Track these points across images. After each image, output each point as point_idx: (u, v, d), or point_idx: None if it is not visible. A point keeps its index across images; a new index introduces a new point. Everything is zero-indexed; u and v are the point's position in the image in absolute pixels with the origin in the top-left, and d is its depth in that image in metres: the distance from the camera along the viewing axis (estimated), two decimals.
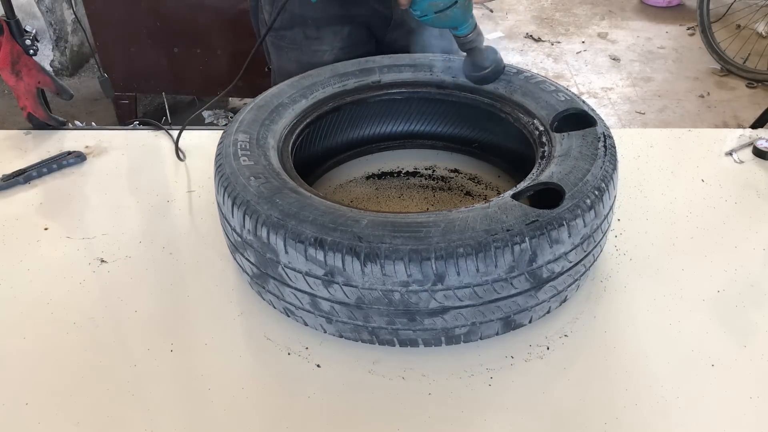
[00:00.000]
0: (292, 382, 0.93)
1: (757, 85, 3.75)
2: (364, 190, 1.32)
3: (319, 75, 1.27)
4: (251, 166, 1.01)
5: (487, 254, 0.85)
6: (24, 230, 1.22)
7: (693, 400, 0.88)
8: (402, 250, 0.85)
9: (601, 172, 0.98)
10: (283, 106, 1.18)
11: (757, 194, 1.26)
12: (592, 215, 0.93)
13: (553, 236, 0.88)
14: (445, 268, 0.84)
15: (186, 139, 1.47)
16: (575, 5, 4.89)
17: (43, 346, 0.99)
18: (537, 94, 1.18)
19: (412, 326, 0.91)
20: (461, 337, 0.93)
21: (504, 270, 0.86)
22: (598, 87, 3.78)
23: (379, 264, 0.85)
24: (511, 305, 0.91)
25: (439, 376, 0.92)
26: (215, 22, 2.85)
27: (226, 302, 1.06)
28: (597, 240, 0.98)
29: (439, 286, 0.86)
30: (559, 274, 0.93)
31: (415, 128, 1.37)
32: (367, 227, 0.88)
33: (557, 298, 0.97)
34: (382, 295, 0.87)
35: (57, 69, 3.93)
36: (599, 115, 1.12)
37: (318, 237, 0.87)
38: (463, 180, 1.33)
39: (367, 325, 0.92)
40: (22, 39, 1.42)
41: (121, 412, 0.89)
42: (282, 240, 0.89)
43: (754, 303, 1.03)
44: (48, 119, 1.51)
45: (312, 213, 0.91)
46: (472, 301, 0.88)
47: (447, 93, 1.27)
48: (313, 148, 1.30)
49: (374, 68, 1.29)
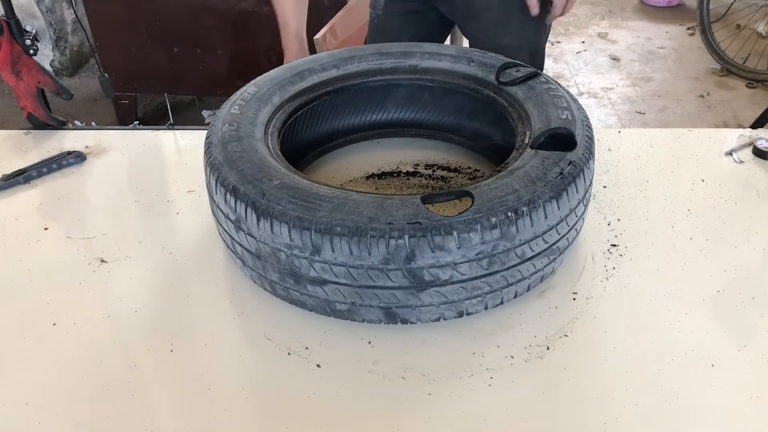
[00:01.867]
0: (292, 382, 0.93)
1: (757, 85, 3.75)
2: (363, 190, 1.32)
3: (362, 50, 1.35)
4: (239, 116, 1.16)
5: (362, 240, 0.88)
6: (24, 230, 1.22)
7: (693, 400, 0.88)
8: (289, 215, 0.92)
9: (530, 196, 0.94)
10: (310, 72, 1.29)
11: (757, 194, 1.26)
12: (495, 234, 0.90)
13: (437, 242, 0.88)
14: (321, 242, 0.90)
15: (186, 139, 1.47)
16: (575, 5, 4.89)
17: (43, 346, 0.99)
18: (545, 106, 1.15)
19: (298, 288, 0.97)
20: (344, 313, 0.97)
21: (378, 260, 0.89)
22: (598, 87, 3.78)
23: (269, 222, 0.93)
24: (390, 297, 0.93)
25: (439, 376, 0.92)
26: (215, 22, 2.85)
27: (226, 302, 1.06)
28: (506, 263, 0.94)
29: (317, 257, 0.91)
30: (449, 283, 0.92)
31: (422, 117, 1.41)
32: (274, 187, 0.96)
33: (452, 308, 0.96)
34: (272, 251, 0.95)
35: (57, 69, 3.93)
36: (589, 142, 1.07)
37: (235, 186, 0.98)
38: (463, 180, 1.33)
39: (266, 277, 1.00)
40: (22, 39, 1.42)
41: (121, 412, 0.89)
42: (215, 182, 1.02)
43: (754, 303, 1.03)
44: (48, 119, 1.51)
45: (246, 164, 1.01)
46: (347, 281, 0.92)
47: (472, 88, 1.27)
48: (319, 127, 1.37)
49: (416, 53, 1.33)
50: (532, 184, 0.96)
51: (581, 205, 1.02)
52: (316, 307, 0.99)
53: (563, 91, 1.19)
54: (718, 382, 0.91)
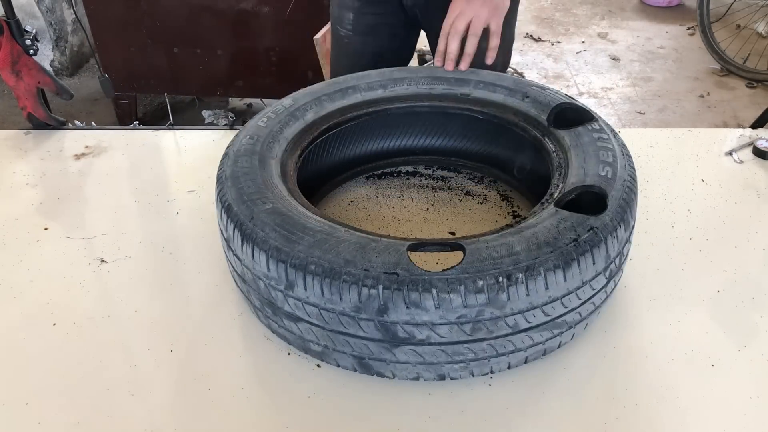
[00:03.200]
0: (292, 382, 0.93)
1: (757, 85, 3.75)
2: (364, 190, 1.32)
3: (414, 72, 1.29)
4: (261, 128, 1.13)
5: (334, 283, 0.82)
6: (24, 230, 1.22)
7: (693, 400, 0.88)
8: (270, 243, 0.88)
9: (531, 261, 0.83)
10: (354, 90, 1.24)
11: (757, 194, 1.26)
12: (480, 299, 0.81)
13: (412, 297, 0.80)
14: (295, 277, 0.84)
15: (186, 139, 1.48)
16: (575, 5, 4.89)
17: (43, 346, 0.99)
18: (587, 158, 1.03)
19: (276, 320, 0.93)
20: (319, 354, 0.92)
21: (350, 306, 0.82)
22: (598, 87, 3.78)
23: (251, 248, 0.89)
24: (362, 347, 0.86)
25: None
26: (215, 22, 2.85)
27: (226, 302, 1.06)
28: (494, 332, 0.84)
29: (291, 293, 0.86)
30: (426, 343, 0.84)
31: (463, 147, 1.34)
32: (264, 212, 0.92)
33: (430, 369, 0.88)
34: (253, 278, 0.92)
35: (57, 69, 3.93)
36: (624, 206, 0.95)
37: (230, 204, 0.96)
38: (463, 180, 1.33)
39: (250, 300, 0.97)
40: (22, 39, 1.42)
41: (121, 412, 0.89)
42: (216, 197, 1.01)
43: (754, 303, 1.03)
44: (48, 119, 1.51)
45: (248, 183, 0.98)
46: (319, 323, 0.86)
47: (521, 126, 1.18)
48: (350, 149, 1.32)
49: (471, 81, 1.25)
50: (537, 248, 0.84)
51: (601, 278, 0.90)
52: (293, 342, 0.94)
53: (614, 142, 1.06)
54: (718, 382, 0.91)
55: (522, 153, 1.23)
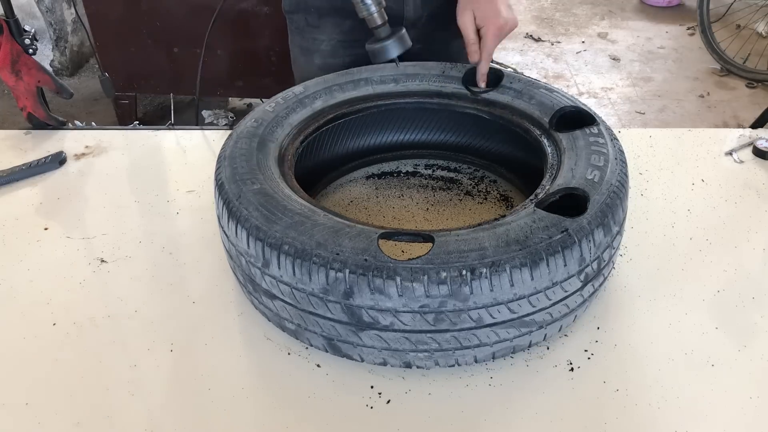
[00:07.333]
0: (292, 382, 0.93)
1: (757, 85, 3.76)
2: (364, 190, 1.32)
3: (427, 68, 1.30)
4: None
5: (303, 264, 0.85)
6: (24, 230, 1.22)
7: (693, 400, 0.88)
8: (251, 222, 0.91)
9: (496, 257, 0.84)
10: (367, 82, 1.26)
11: (757, 194, 1.26)
12: (442, 290, 0.82)
13: (376, 283, 0.82)
14: (270, 256, 0.88)
15: (186, 139, 1.47)
16: (575, 5, 4.89)
17: (43, 346, 0.99)
18: (578, 161, 1.02)
19: (257, 296, 0.97)
20: (293, 333, 0.95)
21: (318, 288, 0.85)
22: (598, 87, 3.79)
23: (235, 225, 0.93)
24: (330, 328, 0.89)
25: (439, 376, 0.92)
26: (215, 22, 2.85)
27: (226, 302, 1.06)
28: (457, 324, 0.85)
29: (267, 271, 0.90)
30: (390, 329, 0.86)
31: (466, 144, 1.35)
32: (251, 191, 0.96)
33: (396, 356, 0.90)
34: (237, 254, 0.95)
35: (57, 69, 3.93)
36: (606, 211, 0.93)
37: (223, 182, 0.99)
38: (463, 179, 1.33)
39: (237, 275, 1.02)
40: (21, 38, 1.42)
41: (121, 412, 0.89)
42: (214, 175, 1.04)
43: (754, 303, 1.03)
44: (48, 119, 1.51)
45: (242, 163, 1.02)
46: (292, 302, 0.90)
47: (524, 127, 1.18)
48: (354, 141, 1.33)
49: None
50: (505, 245, 0.85)
51: (574, 281, 0.89)
52: (272, 319, 0.98)
53: (609, 147, 1.05)
54: (718, 382, 0.91)
55: (522, 153, 1.23)
